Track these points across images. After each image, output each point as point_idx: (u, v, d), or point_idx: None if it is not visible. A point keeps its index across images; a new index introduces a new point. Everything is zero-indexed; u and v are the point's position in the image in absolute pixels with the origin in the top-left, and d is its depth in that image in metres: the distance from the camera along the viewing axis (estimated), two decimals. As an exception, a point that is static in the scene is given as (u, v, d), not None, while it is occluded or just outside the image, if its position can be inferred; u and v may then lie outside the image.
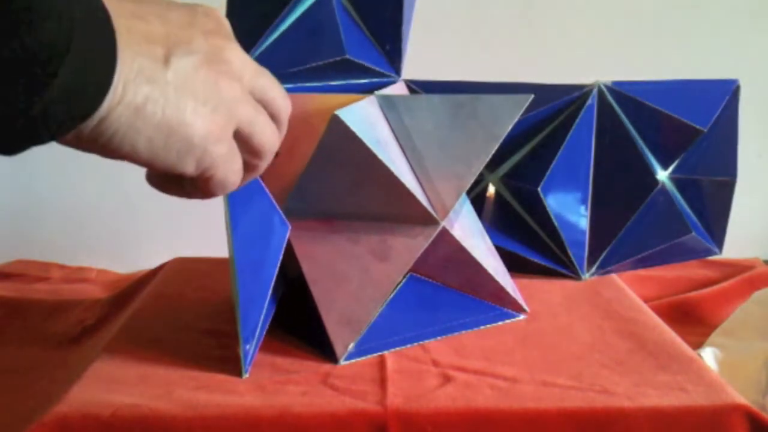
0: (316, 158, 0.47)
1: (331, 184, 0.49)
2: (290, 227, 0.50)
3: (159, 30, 0.30)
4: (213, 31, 0.32)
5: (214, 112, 0.31)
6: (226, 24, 0.34)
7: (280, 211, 0.50)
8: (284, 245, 0.50)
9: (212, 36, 0.32)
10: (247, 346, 0.48)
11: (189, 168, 0.31)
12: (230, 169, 0.33)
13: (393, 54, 0.62)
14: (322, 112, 0.50)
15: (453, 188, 0.49)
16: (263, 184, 0.49)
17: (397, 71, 0.63)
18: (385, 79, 0.62)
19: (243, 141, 0.33)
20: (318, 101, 0.51)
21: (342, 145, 0.45)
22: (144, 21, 0.29)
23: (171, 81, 0.29)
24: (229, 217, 0.47)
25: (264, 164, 0.36)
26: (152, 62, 0.29)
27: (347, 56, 0.57)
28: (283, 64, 0.58)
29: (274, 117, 0.35)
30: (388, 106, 0.48)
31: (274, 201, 0.50)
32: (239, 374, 0.48)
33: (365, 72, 0.62)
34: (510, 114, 0.47)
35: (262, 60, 0.56)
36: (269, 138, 0.34)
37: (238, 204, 0.47)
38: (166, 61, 0.29)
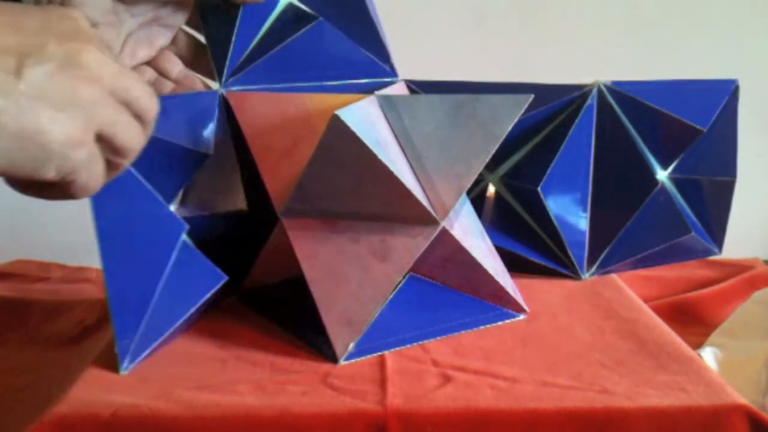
0: (317, 158, 0.47)
1: (331, 184, 0.49)
2: (187, 227, 0.51)
3: (10, 40, 0.30)
4: (69, 35, 0.32)
5: (72, 118, 0.31)
6: (85, 25, 0.34)
7: (172, 211, 0.51)
8: (180, 243, 0.51)
9: (68, 40, 0.32)
10: (125, 341, 0.48)
11: (49, 174, 0.31)
12: (92, 173, 0.33)
13: (382, 55, 0.62)
14: (322, 112, 0.50)
15: (453, 188, 0.49)
16: (150, 187, 0.50)
17: (393, 71, 0.63)
18: (384, 80, 0.63)
19: (105, 142, 0.34)
20: (318, 101, 0.51)
21: (342, 145, 0.45)
22: None
23: (24, 91, 0.29)
24: (93, 216, 0.47)
25: (128, 162, 0.36)
26: (4, 74, 0.29)
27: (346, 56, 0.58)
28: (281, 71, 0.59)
29: (138, 116, 0.35)
30: (388, 106, 0.48)
31: (162, 201, 0.50)
32: (245, 375, 0.48)
33: (364, 72, 0.62)
34: (510, 114, 0.47)
35: (257, 71, 0.57)
36: (132, 138, 0.35)
37: (102, 202, 0.47)
38: (18, 72, 0.30)
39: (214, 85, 0.57)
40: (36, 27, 0.31)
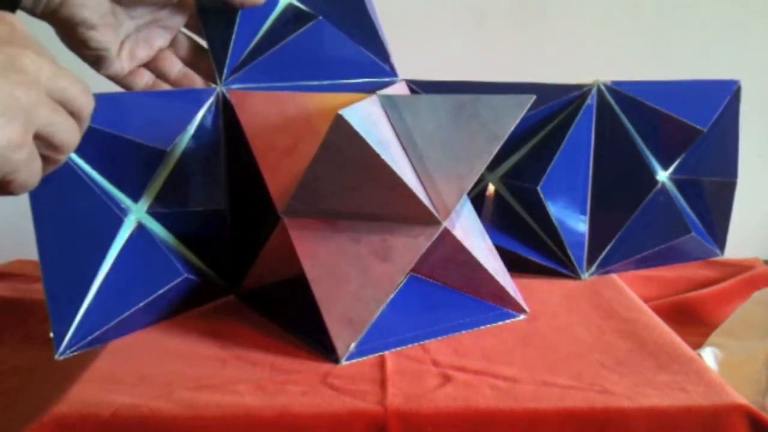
0: (319, 158, 0.47)
1: (333, 183, 0.49)
2: (129, 218, 0.53)
3: None
4: (5, 40, 0.34)
5: (11, 122, 0.33)
6: (21, 28, 0.35)
7: (113, 203, 0.52)
8: (127, 235, 0.52)
9: (5, 45, 0.34)
10: (61, 329, 0.49)
11: None
12: (30, 171, 0.35)
13: (382, 55, 0.63)
14: (324, 112, 0.50)
15: (455, 188, 0.49)
16: (90, 178, 0.51)
17: (393, 71, 0.63)
18: (384, 79, 0.63)
19: (43, 140, 0.36)
20: (319, 101, 0.51)
21: (345, 144, 0.45)
22: None
23: None
24: (30, 205, 0.49)
25: (64, 158, 0.38)
26: None
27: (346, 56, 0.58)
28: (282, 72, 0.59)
29: (74, 114, 0.37)
30: (390, 105, 0.48)
31: (102, 192, 0.51)
32: (245, 375, 0.47)
33: (364, 72, 0.62)
34: (512, 114, 0.47)
35: (257, 70, 0.57)
36: (68, 135, 0.37)
37: (39, 192, 0.48)
38: None
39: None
40: None
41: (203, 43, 0.58)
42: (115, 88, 0.55)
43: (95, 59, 0.52)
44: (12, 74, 0.33)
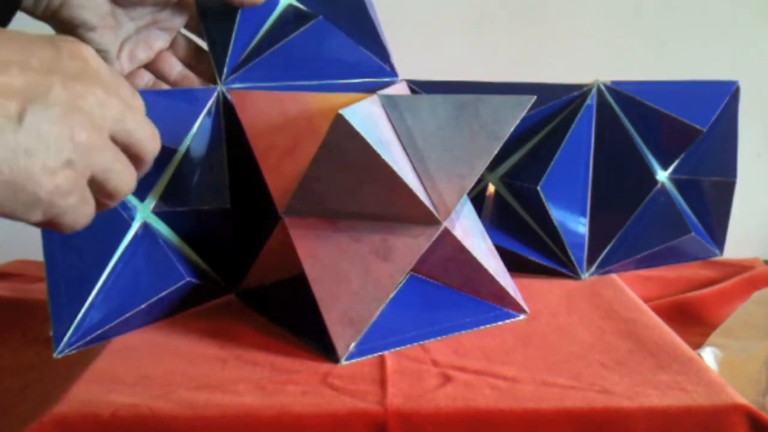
0: (319, 158, 0.47)
1: (333, 183, 0.49)
2: (135, 218, 0.53)
3: (16, 82, 0.30)
4: (76, 76, 0.32)
5: (66, 167, 0.31)
6: (93, 62, 0.33)
7: (122, 211, 0.52)
8: (132, 237, 0.52)
9: (74, 81, 0.31)
10: (61, 328, 0.49)
11: (34, 218, 0.31)
12: (80, 215, 0.33)
13: (382, 55, 0.63)
14: (325, 112, 0.50)
15: (455, 188, 0.49)
16: None
17: (393, 71, 0.63)
18: (384, 79, 0.63)
19: (97, 185, 0.34)
20: (320, 101, 0.51)
21: (345, 144, 0.45)
22: (1, 71, 0.29)
23: (22, 141, 0.29)
24: None
25: (116, 204, 0.36)
26: (5, 121, 0.29)
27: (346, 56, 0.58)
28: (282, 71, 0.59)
29: (136, 158, 0.35)
30: (391, 105, 0.48)
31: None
32: (245, 375, 0.47)
33: (364, 72, 0.62)
34: (513, 114, 0.47)
35: (257, 69, 0.57)
36: (125, 184, 0.35)
37: None
38: (20, 118, 0.29)
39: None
40: (45, 66, 0.31)
41: (203, 44, 0.58)
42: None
43: None
44: (74, 115, 0.31)
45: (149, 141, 0.36)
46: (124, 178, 0.35)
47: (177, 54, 0.58)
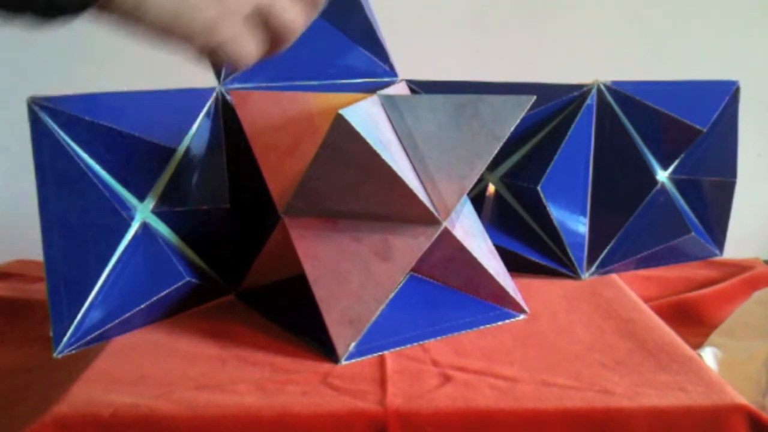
0: (319, 157, 0.47)
1: (333, 183, 0.49)
2: (134, 218, 0.53)
3: None
4: None
5: (214, 5, 0.31)
6: None
7: (119, 203, 0.52)
8: (132, 239, 0.52)
9: None
10: (60, 328, 0.49)
11: (197, 47, 0.32)
12: (242, 48, 0.33)
13: (381, 55, 0.63)
14: (325, 112, 0.50)
15: (455, 189, 0.49)
16: (97, 177, 0.51)
17: (392, 71, 0.63)
18: (383, 79, 0.63)
19: (261, 21, 0.33)
20: (321, 101, 0.51)
21: (345, 144, 0.45)
22: None
23: None
24: (38, 205, 0.49)
25: (287, 44, 0.35)
26: None
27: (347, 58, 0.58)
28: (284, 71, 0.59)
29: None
30: (391, 105, 0.48)
31: (111, 196, 0.51)
32: (245, 375, 0.48)
33: (364, 72, 0.62)
34: (512, 115, 0.47)
35: (256, 69, 0.57)
36: (291, 20, 0.34)
37: (47, 192, 0.49)
38: None
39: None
40: None
41: None
42: (115, 88, 0.55)
43: None
44: None
45: None
46: (288, 14, 0.34)
47: None
